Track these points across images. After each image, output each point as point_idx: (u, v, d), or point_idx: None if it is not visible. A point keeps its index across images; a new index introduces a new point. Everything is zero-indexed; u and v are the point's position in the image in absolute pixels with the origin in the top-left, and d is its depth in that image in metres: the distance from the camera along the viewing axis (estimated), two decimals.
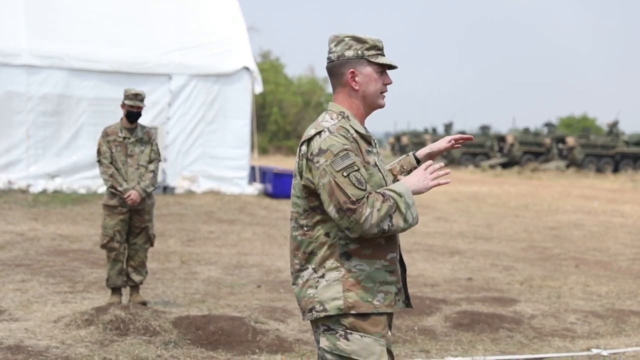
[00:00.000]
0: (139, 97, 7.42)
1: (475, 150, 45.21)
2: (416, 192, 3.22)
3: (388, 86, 3.32)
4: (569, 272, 10.49)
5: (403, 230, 3.15)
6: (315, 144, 3.15)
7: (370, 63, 3.25)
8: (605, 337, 7.10)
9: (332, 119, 3.24)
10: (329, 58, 3.31)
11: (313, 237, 3.22)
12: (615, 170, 40.59)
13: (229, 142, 19.36)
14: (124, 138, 7.46)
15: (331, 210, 3.11)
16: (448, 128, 47.97)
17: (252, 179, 20.31)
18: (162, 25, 19.68)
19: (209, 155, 19.24)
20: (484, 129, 47.89)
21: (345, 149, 3.12)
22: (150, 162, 7.53)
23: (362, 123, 3.32)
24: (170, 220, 14.36)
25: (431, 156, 3.62)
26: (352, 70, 3.26)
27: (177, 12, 20.15)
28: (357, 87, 3.27)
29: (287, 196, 17.87)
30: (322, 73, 58.49)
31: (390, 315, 3.30)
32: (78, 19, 19.01)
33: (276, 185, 19.24)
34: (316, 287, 3.19)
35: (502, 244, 13.26)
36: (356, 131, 3.23)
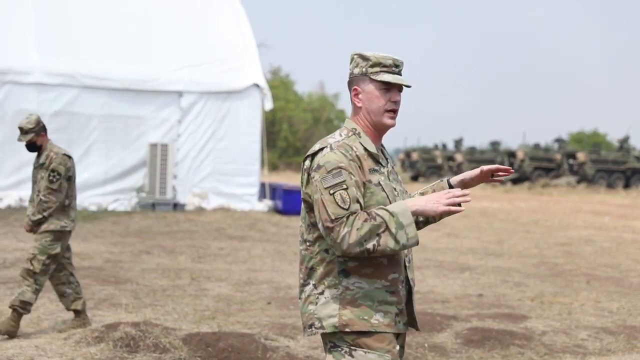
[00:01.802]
0: (22, 130, 7.06)
1: None
2: (422, 214, 3.12)
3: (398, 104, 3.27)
4: (580, 288, 10.44)
5: (394, 251, 3.06)
6: (316, 160, 3.16)
7: (372, 80, 3.25)
8: (617, 354, 7.06)
9: (340, 135, 3.25)
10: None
11: (314, 252, 3.22)
12: (627, 185, 40.44)
13: (239, 159, 19.40)
14: (34, 166, 7.26)
15: (320, 226, 3.11)
16: (458, 144, 47.94)
17: (262, 195, 20.33)
18: (173, 43, 19.78)
19: (219, 172, 19.28)
20: (494, 144, 47.85)
21: (339, 167, 3.10)
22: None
23: (376, 141, 3.29)
24: (181, 237, 14.39)
25: (464, 184, 3.50)
26: (355, 87, 3.29)
27: (188, 30, 20.25)
28: (359, 105, 3.28)
29: (297, 212, 17.86)
30: (331, 89, 58.73)
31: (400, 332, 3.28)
32: (88, 36, 19.13)
33: (286, 202, 19.25)
34: (316, 304, 3.20)
35: (512, 260, 13.21)
36: (365, 149, 3.22)
